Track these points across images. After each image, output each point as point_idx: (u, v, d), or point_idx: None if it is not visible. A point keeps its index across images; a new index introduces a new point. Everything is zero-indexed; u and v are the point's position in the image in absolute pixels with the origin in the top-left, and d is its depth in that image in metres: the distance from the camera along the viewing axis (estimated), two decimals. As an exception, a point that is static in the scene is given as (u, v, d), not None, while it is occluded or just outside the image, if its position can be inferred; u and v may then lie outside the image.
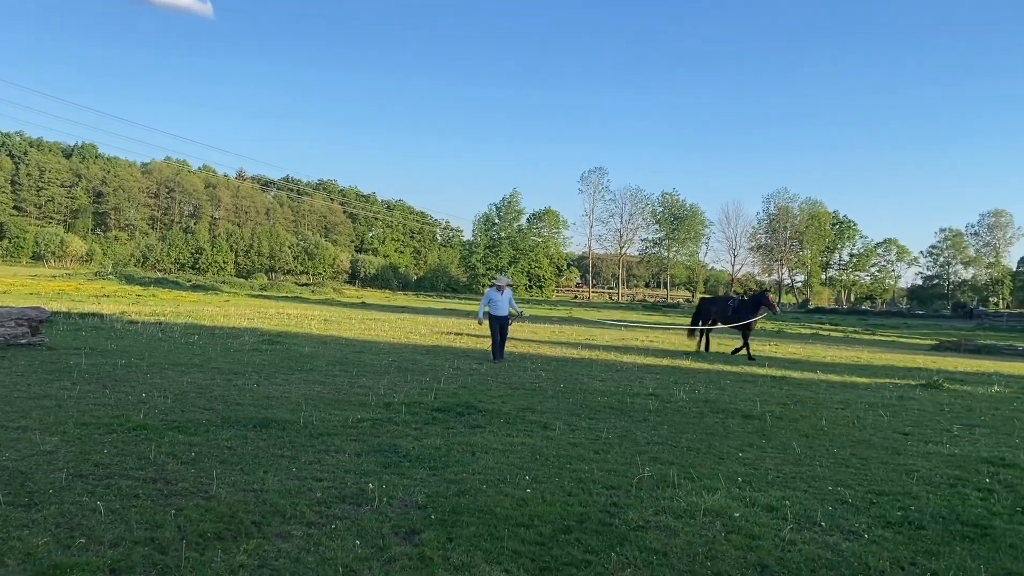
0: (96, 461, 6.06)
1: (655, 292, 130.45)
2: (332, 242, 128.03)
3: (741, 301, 21.10)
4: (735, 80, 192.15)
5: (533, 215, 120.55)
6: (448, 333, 24.17)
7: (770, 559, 4.67)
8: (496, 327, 16.47)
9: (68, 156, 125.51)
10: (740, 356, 20.00)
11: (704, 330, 21.29)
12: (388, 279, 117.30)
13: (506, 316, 16.74)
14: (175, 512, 4.94)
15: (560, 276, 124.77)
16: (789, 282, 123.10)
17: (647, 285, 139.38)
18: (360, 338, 20.66)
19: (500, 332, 16.48)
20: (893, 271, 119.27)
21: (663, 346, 23.66)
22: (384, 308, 47.79)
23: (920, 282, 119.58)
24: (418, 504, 5.39)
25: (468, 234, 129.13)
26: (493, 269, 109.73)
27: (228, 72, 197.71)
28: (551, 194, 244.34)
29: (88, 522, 4.68)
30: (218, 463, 6.22)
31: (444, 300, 79.73)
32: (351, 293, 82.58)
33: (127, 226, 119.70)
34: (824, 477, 6.82)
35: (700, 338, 21.38)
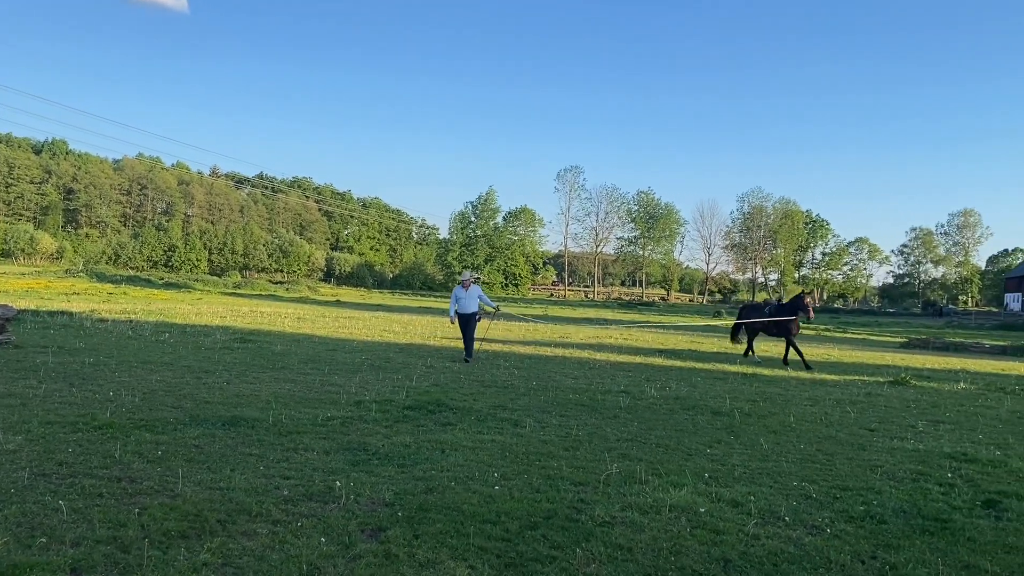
0: (60, 460, 5.99)
1: (631, 290, 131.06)
2: (307, 240, 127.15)
3: (778, 305, 19.85)
4: (710, 80, 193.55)
5: (509, 213, 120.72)
6: (422, 331, 24.12)
7: (734, 553, 4.73)
8: (463, 325, 16.18)
9: (38, 152, 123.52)
10: (798, 363, 18.04)
11: (744, 336, 20.45)
12: (363, 277, 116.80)
13: (473, 313, 16.32)
14: (139, 511, 4.90)
15: (536, 274, 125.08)
16: (763, 280, 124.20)
17: (623, 283, 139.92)
18: (334, 336, 20.58)
19: (469, 329, 16.12)
20: (865, 270, 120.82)
21: (637, 344, 23.79)
22: (359, 306, 47.62)
23: (891, 280, 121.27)
24: (386, 502, 5.39)
25: (444, 232, 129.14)
26: (469, 267, 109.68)
27: (202, 68, 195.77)
28: (527, 192, 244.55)
29: (50, 521, 4.63)
30: (185, 461, 6.18)
31: (420, 298, 79.58)
32: (326, 291, 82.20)
33: (98, 223, 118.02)
34: (790, 473, 6.90)
35: (744, 343, 20.46)
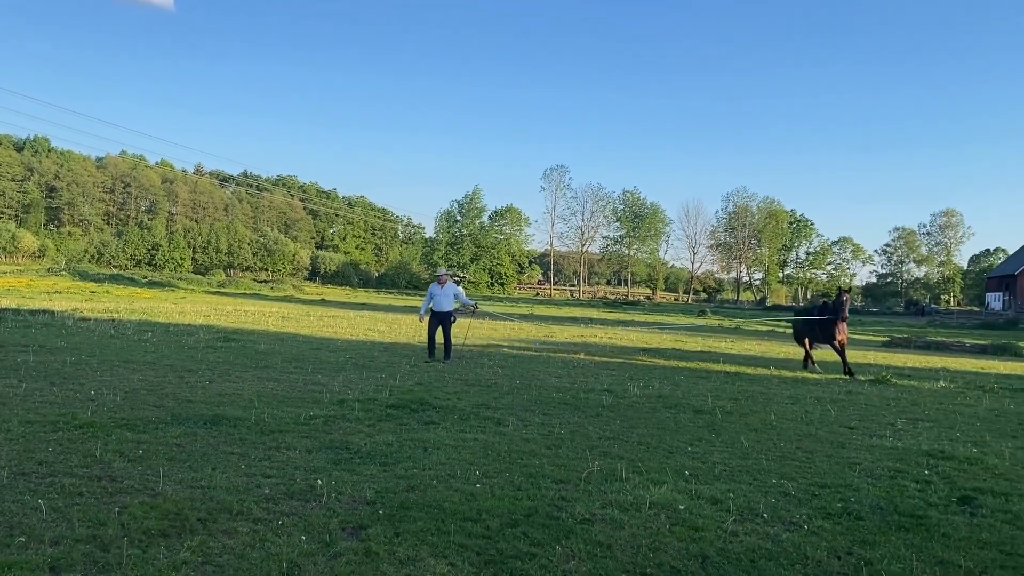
0: (40, 459, 5.97)
1: (616, 289, 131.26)
2: (292, 239, 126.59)
3: (822, 306, 18.11)
4: (696, 80, 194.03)
5: (495, 212, 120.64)
6: (407, 330, 24.10)
7: (712, 550, 4.78)
8: (435, 324, 15.58)
9: (20, 150, 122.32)
10: (865, 374, 16.43)
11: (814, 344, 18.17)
12: (349, 276, 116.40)
13: (448, 312, 15.63)
14: (119, 510, 4.90)
15: (522, 273, 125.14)
16: (747, 280, 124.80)
17: (608, 283, 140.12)
18: (318, 335, 20.55)
19: (439, 329, 15.50)
20: (848, 269, 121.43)
21: (621, 343, 23.89)
22: (344, 305, 47.53)
23: (874, 280, 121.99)
24: (367, 500, 5.41)
25: (430, 231, 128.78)
26: (455, 266, 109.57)
27: (187, 65, 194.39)
28: (513, 191, 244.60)
29: (29, 520, 4.62)
30: (166, 460, 6.17)
31: (405, 297, 79.42)
32: (311, 290, 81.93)
33: (81, 221, 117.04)
34: (769, 470, 6.96)
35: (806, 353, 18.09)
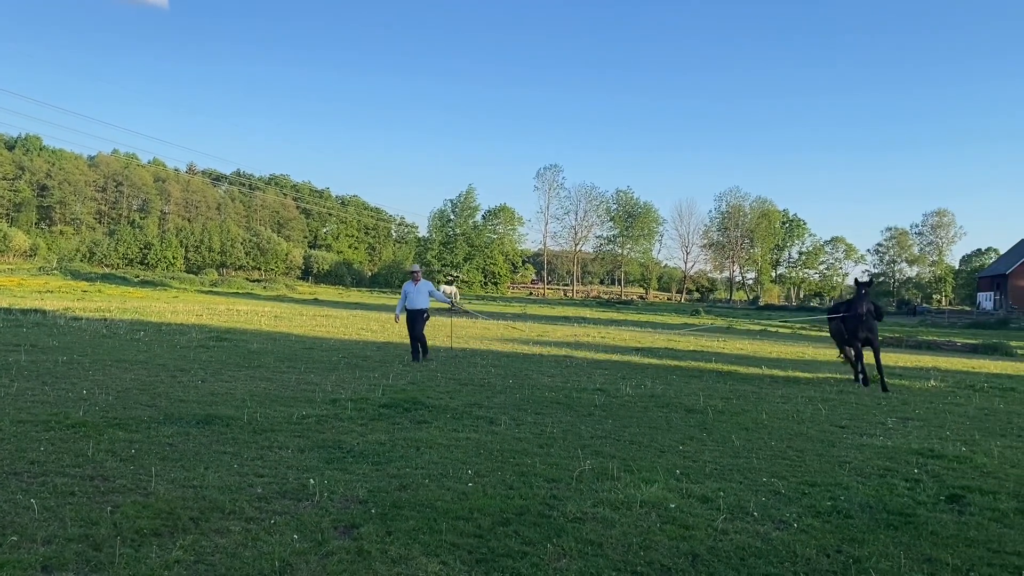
0: (32, 459, 5.97)
1: (609, 289, 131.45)
2: (285, 238, 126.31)
3: (846, 304, 15.80)
4: (689, 81, 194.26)
5: (488, 212, 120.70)
6: (400, 330, 24.08)
7: (702, 548, 4.81)
8: (411, 322, 15.17)
9: (11, 148, 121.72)
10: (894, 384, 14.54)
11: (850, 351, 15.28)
12: (342, 275, 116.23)
13: (421, 310, 15.22)
14: (111, 509, 4.91)
15: (515, 272, 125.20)
16: (740, 279, 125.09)
17: (602, 282, 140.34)
18: (311, 334, 20.54)
19: (415, 328, 15.07)
20: (841, 268, 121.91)
21: (614, 342, 23.92)
22: (337, 304, 47.45)
23: (867, 279, 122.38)
24: (359, 499, 5.43)
25: (423, 230, 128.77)
26: (448, 266, 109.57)
27: (180, 64, 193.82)
28: (507, 191, 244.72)
29: (21, 520, 4.63)
30: (158, 460, 6.18)
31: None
32: (304, 289, 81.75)
33: (73, 220, 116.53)
34: (760, 469, 7.00)
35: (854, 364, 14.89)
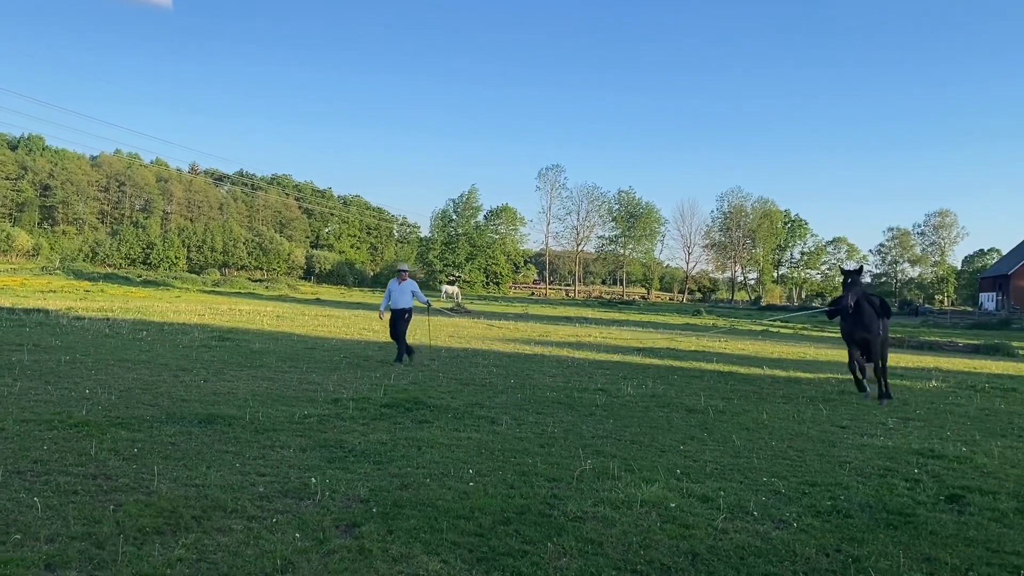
0: (35, 458, 6.00)
1: (611, 289, 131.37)
2: (287, 238, 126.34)
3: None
4: (691, 81, 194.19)
5: (490, 212, 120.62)
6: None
7: (702, 547, 4.83)
8: (394, 321, 14.84)
9: (13, 148, 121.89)
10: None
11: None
12: (344, 275, 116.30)
13: (404, 309, 14.81)
14: (114, 508, 4.93)
15: (517, 273, 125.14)
16: (742, 279, 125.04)
17: (603, 282, 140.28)
18: (313, 334, 20.57)
19: (399, 327, 14.73)
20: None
21: (615, 342, 23.94)
22: (339, 304, 47.48)
23: (869, 280, 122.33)
24: (360, 498, 5.45)
25: (425, 230, 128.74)
26: (450, 266, 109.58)
27: (183, 64, 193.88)
28: (508, 191, 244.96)
29: (24, 518, 4.66)
30: (160, 459, 6.21)
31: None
32: (306, 289, 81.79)
33: (75, 220, 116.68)
34: (760, 469, 7.02)
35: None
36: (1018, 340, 36.29)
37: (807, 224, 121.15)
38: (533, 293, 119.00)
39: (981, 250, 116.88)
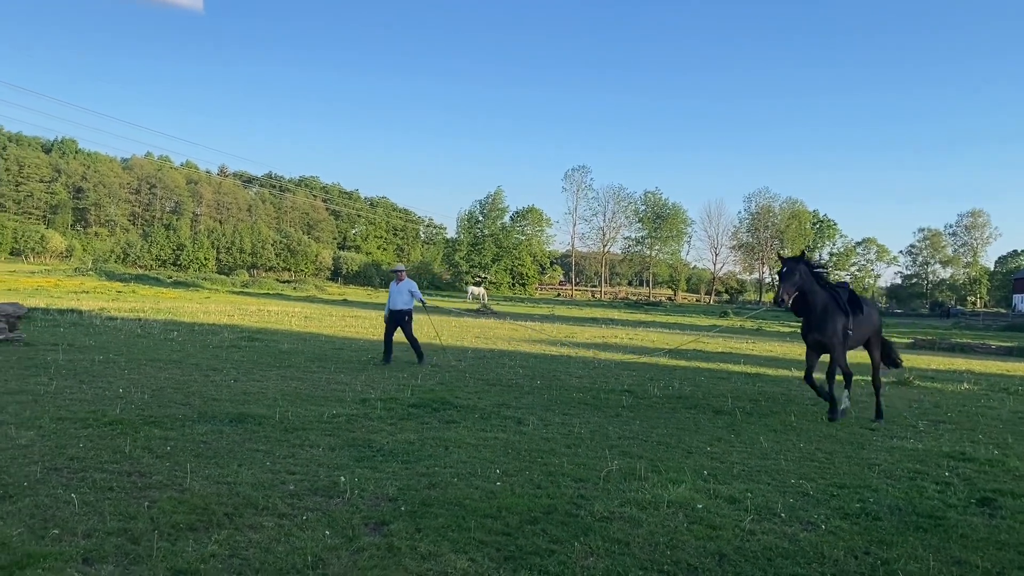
0: (71, 455, 6.12)
1: (637, 290, 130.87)
2: (314, 239, 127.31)
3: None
4: (719, 80, 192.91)
5: (516, 213, 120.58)
6: (428, 330, 24.23)
7: (729, 548, 4.83)
8: (392, 324, 14.77)
9: (48, 151, 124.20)
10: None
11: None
12: (371, 276, 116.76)
13: (401, 310, 14.72)
14: (148, 504, 5.03)
15: (543, 274, 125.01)
16: (770, 281, 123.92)
17: (629, 283, 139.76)
18: (340, 335, 20.74)
19: (392, 328, 14.70)
20: (872, 270, 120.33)
21: (642, 343, 23.88)
22: (366, 305, 47.73)
23: (899, 281, 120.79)
24: (389, 497, 5.50)
25: (451, 232, 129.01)
26: (476, 267, 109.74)
27: (213, 68, 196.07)
28: (535, 192, 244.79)
29: (62, 514, 4.76)
30: (193, 457, 6.31)
31: (426, 297, 79.36)
32: (333, 290, 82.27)
33: (107, 222, 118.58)
34: (788, 471, 6.99)
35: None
36: (1053, 342, 35.63)
37: (836, 225, 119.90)
38: (559, 294, 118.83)
39: (1015, 251, 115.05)
